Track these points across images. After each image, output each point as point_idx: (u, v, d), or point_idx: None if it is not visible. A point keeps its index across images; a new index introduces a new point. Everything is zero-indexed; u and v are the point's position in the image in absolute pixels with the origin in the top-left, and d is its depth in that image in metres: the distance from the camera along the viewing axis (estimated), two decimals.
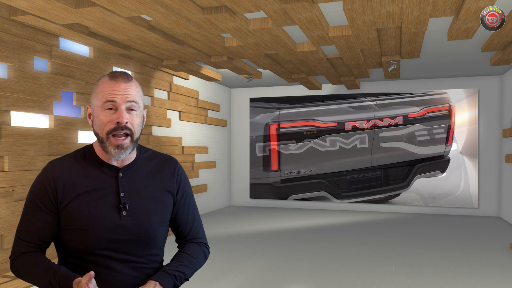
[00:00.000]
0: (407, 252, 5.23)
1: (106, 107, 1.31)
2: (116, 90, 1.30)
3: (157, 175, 1.44)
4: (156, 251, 1.43)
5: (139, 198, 1.38)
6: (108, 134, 1.31)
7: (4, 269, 4.04)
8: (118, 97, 1.30)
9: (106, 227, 1.32)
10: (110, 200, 1.34)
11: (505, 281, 4.07)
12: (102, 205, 1.33)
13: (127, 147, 1.33)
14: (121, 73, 1.35)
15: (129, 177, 1.39)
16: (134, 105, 1.33)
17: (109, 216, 1.33)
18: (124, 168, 1.39)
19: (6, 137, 4.04)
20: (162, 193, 1.43)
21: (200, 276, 4.28)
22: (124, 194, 1.36)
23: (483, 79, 8.13)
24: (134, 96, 1.33)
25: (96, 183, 1.35)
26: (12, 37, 4.11)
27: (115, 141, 1.31)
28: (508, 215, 7.45)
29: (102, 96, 1.31)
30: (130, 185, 1.38)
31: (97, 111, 1.33)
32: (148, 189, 1.41)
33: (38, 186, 1.34)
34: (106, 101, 1.30)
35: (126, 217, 1.34)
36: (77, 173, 1.35)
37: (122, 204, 1.34)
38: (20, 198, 4.18)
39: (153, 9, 3.63)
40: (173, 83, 7.02)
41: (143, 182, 1.41)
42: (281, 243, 5.71)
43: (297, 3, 3.58)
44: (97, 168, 1.37)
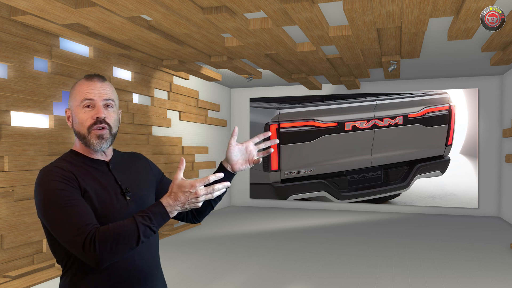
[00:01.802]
0: (407, 252, 5.23)
1: (84, 105, 1.39)
2: (93, 89, 1.40)
3: (136, 163, 1.56)
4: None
5: (134, 183, 1.47)
6: (89, 129, 1.39)
7: (4, 269, 4.04)
8: (95, 95, 1.39)
9: (120, 212, 1.37)
10: (113, 189, 1.41)
11: (505, 281, 4.07)
12: (109, 195, 1.39)
13: (106, 138, 1.40)
14: (96, 75, 1.45)
15: (118, 168, 1.48)
16: (110, 102, 1.42)
17: (118, 203, 1.39)
18: (111, 161, 1.48)
19: (6, 137, 4.04)
20: (146, 175, 1.55)
21: (200, 276, 4.29)
22: (122, 183, 1.44)
23: (483, 79, 8.13)
24: (110, 95, 1.43)
25: (96, 178, 1.40)
26: (12, 37, 4.11)
27: (95, 132, 1.39)
28: (508, 215, 7.45)
29: (79, 96, 1.40)
30: (122, 174, 1.47)
31: (75, 110, 1.41)
32: (136, 174, 1.51)
33: (56, 178, 1.30)
34: (84, 99, 1.38)
35: (131, 202, 1.42)
36: (76, 168, 1.39)
37: (125, 190, 1.42)
38: (20, 198, 4.18)
39: (153, 9, 3.63)
40: (173, 83, 7.02)
41: (130, 170, 1.51)
42: (281, 243, 5.71)
43: (297, 3, 3.58)
44: (89, 165, 1.43)
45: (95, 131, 1.38)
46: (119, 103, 1.51)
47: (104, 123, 1.39)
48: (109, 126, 1.41)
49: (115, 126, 1.44)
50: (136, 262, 1.39)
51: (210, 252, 5.24)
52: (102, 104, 1.40)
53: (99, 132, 1.39)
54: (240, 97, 9.61)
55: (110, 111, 1.42)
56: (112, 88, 1.47)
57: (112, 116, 1.42)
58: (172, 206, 1.26)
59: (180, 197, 1.25)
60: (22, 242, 4.20)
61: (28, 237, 4.26)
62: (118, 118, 1.47)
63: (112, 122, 1.42)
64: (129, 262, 1.38)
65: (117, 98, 1.49)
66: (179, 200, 1.25)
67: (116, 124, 1.45)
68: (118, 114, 1.47)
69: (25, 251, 4.26)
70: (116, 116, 1.45)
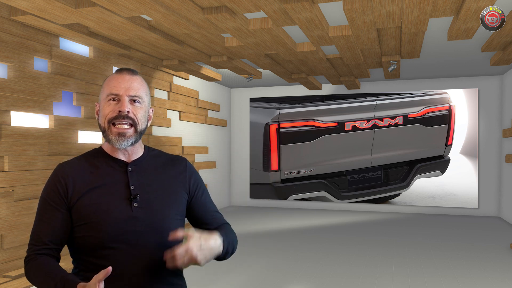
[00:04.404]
0: (407, 252, 5.23)
1: (109, 98, 1.34)
2: (121, 82, 1.35)
3: (167, 169, 1.45)
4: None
5: (150, 190, 1.38)
6: (110, 123, 1.33)
7: (4, 269, 4.04)
8: (121, 89, 1.34)
9: (117, 219, 1.31)
10: (120, 193, 1.35)
11: (505, 281, 4.07)
12: (112, 198, 1.34)
13: (129, 136, 1.34)
14: (126, 68, 1.40)
15: (138, 171, 1.40)
16: (137, 98, 1.36)
17: (120, 208, 1.33)
18: (133, 162, 1.40)
19: (6, 137, 4.04)
20: (174, 185, 1.43)
21: (200, 276, 4.28)
22: (134, 187, 1.36)
23: (483, 79, 8.13)
24: (137, 90, 1.36)
25: (106, 178, 1.36)
26: (12, 37, 4.11)
27: (116, 129, 1.33)
28: (508, 215, 7.45)
29: (107, 89, 1.36)
30: (140, 179, 1.39)
31: (102, 104, 1.37)
32: (159, 182, 1.41)
33: (49, 186, 1.36)
34: (110, 93, 1.34)
35: (138, 209, 1.34)
36: (86, 169, 1.37)
37: (133, 196, 1.35)
38: (20, 198, 4.18)
39: (153, 9, 3.63)
40: (173, 83, 7.02)
41: (153, 176, 1.42)
42: (281, 243, 5.71)
43: (297, 3, 3.58)
44: (106, 163, 1.39)
45: (116, 129, 1.33)
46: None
47: (127, 118, 1.33)
48: (134, 122, 1.34)
49: (142, 122, 1.37)
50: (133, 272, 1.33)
51: None
52: (128, 99, 1.34)
53: (120, 130, 1.33)
54: (240, 97, 9.61)
55: (137, 106, 1.35)
56: (142, 83, 1.39)
57: (138, 112, 1.35)
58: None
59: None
60: (22, 242, 4.20)
61: (28, 237, 4.26)
62: (146, 115, 1.39)
63: (138, 118, 1.35)
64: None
65: (148, 95, 1.41)
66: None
67: (143, 121, 1.38)
68: (146, 111, 1.39)
69: (25, 251, 4.26)
70: (143, 112, 1.38)
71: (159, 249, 1.35)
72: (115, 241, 1.30)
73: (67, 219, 1.33)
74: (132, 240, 1.32)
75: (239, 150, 9.57)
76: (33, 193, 4.32)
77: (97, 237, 1.30)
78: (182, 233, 1.30)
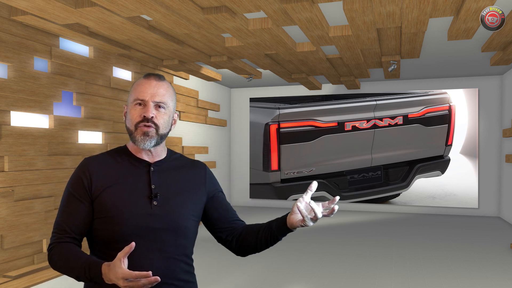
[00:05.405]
0: (407, 252, 5.23)
1: (136, 103, 1.42)
2: (147, 88, 1.42)
3: (188, 172, 1.53)
4: (185, 243, 1.46)
5: (170, 190, 1.45)
6: (136, 126, 1.41)
7: (4, 269, 4.04)
8: (147, 95, 1.41)
9: (136, 214, 1.38)
10: (141, 191, 1.42)
11: (505, 281, 4.07)
12: (133, 195, 1.40)
13: (152, 136, 1.41)
14: (154, 74, 1.46)
15: (160, 172, 1.47)
16: (162, 104, 1.42)
17: (140, 204, 1.39)
18: (156, 163, 1.48)
19: (6, 137, 4.04)
20: (194, 187, 1.51)
21: (200, 276, 4.29)
22: (155, 187, 1.43)
23: (483, 79, 8.13)
24: (163, 96, 1.43)
25: (128, 176, 1.43)
26: (12, 37, 4.11)
27: (141, 129, 1.41)
28: (508, 215, 7.45)
29: (134, 94, 1.43)
30: (161, 179, 1.46)
31: (129, 107, 1.45)
32: (180, 183, 1.48)
33: (74, 179, 1.43)
34: (137, 98, 1.41)
35: (157, 207, 1.41)
36: (110, 165, 1.45)
37: (154, 194, 1.41)
38: (20, 198, 4.18)
39: (153, 9, 3.63)
40: (173, 83, 7.02)
41: (174, 177, 1.49)
42: (281, 243, 5.71)
43: (297, 3, 3.58)
44: (129, 162, 1.46)
45: (141, 128, 1.40)
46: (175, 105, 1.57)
47: (151, 122, 1.40)
48: (156, 126, 1.41)
49: (164, 127, 1.43)
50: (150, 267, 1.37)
51: (210, 252, 5.25)
52: (153, 105, 1.41)
53: (145, 129, 1.40)
54: (240, 97, 9.61)
55: (161, 112, 1.42)
56: (168, 89, 1.46)
57: (162, 117, 1.42)
58: (104, 275, 1.24)
59: (109, 277, 1.22)
60: (22, 242, 4.20)
61: (28, 237, 4.27)
62: (169, 121, 1.46)
63: (161, 123, 1.42)
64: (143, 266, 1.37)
65: (173, 100, 1.48)
66: (107, 277, 1.23)
67: (166, 126, 1.45)
68: (170, 117, 1.46)
69: (25, 251, 4.26)
70: (167, 118, 1.44)
71: (174, 246, 1.41)
72: (132, 235, 1.36)
73: (89, 211, 1.40)
74: (148, 236, 1.38)
75: (239, 150, 9.57)
76: (33, 193, 4.32)
77: (116, 231, 1.36)
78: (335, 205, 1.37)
